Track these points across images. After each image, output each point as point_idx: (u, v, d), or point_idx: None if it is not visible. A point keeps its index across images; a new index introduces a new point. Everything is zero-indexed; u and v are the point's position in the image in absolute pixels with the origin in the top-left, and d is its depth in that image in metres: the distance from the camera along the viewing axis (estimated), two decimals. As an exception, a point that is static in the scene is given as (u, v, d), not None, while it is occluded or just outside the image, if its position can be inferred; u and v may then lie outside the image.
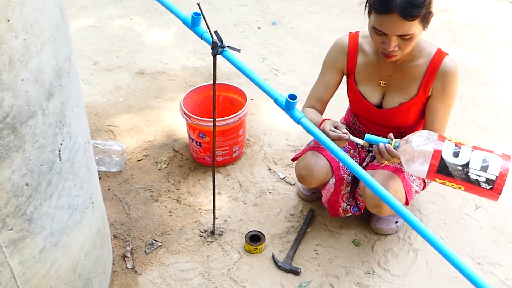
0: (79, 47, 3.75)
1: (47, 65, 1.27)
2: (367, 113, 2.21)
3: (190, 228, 2.39)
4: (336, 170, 2.25)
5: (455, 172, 1.65)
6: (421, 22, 1.82)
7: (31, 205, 1.32)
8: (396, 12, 1.76)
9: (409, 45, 1.87)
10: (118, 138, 2.89)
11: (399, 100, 2.09)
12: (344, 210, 2.32)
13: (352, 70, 2.16)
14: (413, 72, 2.04)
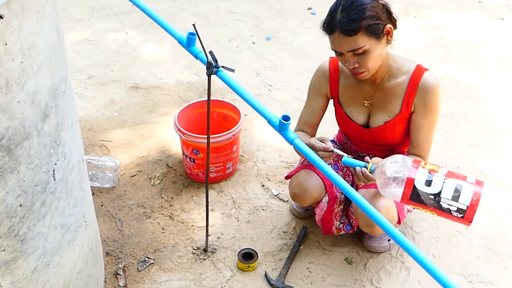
0: (74, 61, 3.76)
1: (43, 86, 1.28)
2: (355, 133, 2.25)
3: (183, 245, 2.39)
4: (329, 188, 2.27)
5: (427, 201, 1.68)
6: (370, 35, 1.83)
7: (24, 226, 1.32)
8: (337, 30, 1.83)
9: (369, 60, 1.88)
10: (112, 153, 2.89)
11: (384, 119, 2.12)
12: (337, 228, 2.34)
13: (336, 93, 2.20)
14: (394, 90, 2.06)
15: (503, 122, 3.38)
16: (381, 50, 1.90)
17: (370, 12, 1.82)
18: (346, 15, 1.80)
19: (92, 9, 4.60)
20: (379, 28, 1.85)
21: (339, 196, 2.29)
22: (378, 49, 1.88)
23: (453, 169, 2.90)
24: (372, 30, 1.83)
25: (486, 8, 4.99)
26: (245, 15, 4.66)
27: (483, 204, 1.66)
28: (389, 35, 1.91)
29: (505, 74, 3.94)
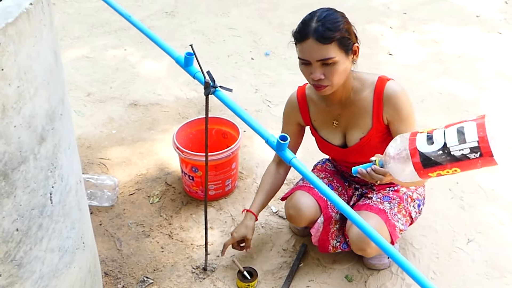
0: (73, 78, 3.77)
1: (40, 109, 1.28)
2: (337, 155, 2.27)
3: (182, 264, 2.38)
4: (325, 209, 2.28)
5: (439, 158, 1.56)
6: (341, 48, 1.86)
7: (20, 250, 1.31)
8: (311, 36, 1.84)
9: (335, 73, 1.89)
10: (111, 171, 2.89)
11: (358, 136, 2.11)
12: (333, 247, 2.33)
13: (308, 120, 2.23)
14: (361, 105, 2.06)
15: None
16: (347, 66, 1.92)
17: (344, 26, 1.87)
18: (322, 24, 1.83)
19: (91, 26, 4.62)
20: (349, 43, 1.89)
21: (334, 216, 2.30)
22: (345, 64, 1.90)
23: (451, 185, 2.92)
24: (344, 43, 1.87)
25: (484, 22, 5.01)
26: (244, 31, 4.68)
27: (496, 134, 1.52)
28: (355, 54, 1.94)
29: (503, 88, 3.95)
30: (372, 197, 2.25)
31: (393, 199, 2.22)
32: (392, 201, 2.21)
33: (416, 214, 2.29)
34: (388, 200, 2.22)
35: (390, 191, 2.26)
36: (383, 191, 2.27)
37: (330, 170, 2.44)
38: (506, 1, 5.49)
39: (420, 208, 2.32)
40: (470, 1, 5.37)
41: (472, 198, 2.86)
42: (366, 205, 2.20)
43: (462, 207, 2.79)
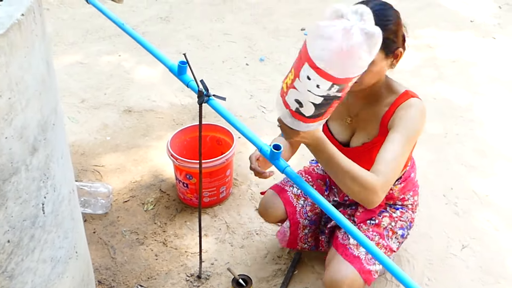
0: (67, 85, 3.76)
1: (32, 120, 1.27)
2: None
3: (176, 272, 2.37)
4: (291, 214, 2.28)
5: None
6: (381, 49, 1.64)
7: (12, 262, 1.30)
8: None
9: (367, 72, 1.65)
10: (105, 179, 2.88)
11: (363, 140, 2.00)
12: (302, 248, 2.38)
13: None
14: (377, 110, 1.95)
15: (496, 142, 3.39)
16: (382, 68, 1.80)
17: (393, 27, 1.74)
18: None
19: (85, 32, 4.61)
20: (392, 46, 1.77)
21: (302, 222, 2.29)
22: (380, 66, 1.78)
23: (446, 191, 2.93)
24: (386, 44, 1.66)
25: (478, 27, 5.03)
26: (239, 36, 4.68)
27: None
28: (396, 58, 1.82)
29: (497, 93, 3.96)
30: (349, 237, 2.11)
31: (371, 239, 2.10)
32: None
33: (398, 245, 2.20)
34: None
35: (370, 226, 2.15)
36: (364, 226, 2.16)
37: (315, 174, 2.37)
38: (500, 6, 5.51)
39: (405, 235, 2.22)
40: (464, 6, 5.39)
41: (467, 204, 2.87)
42: (343, 247, 2.09)
43: (456, 213, 2.80)
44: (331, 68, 1.27)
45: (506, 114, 3.71)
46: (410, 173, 2.17)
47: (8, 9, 1.19)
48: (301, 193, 2.30)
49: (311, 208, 2.29)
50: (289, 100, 1.40)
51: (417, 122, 1.84)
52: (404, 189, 2.17)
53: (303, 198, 2.30)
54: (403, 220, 2.20)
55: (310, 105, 1.36)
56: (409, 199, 2.21)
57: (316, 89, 1.31)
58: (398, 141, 1.78)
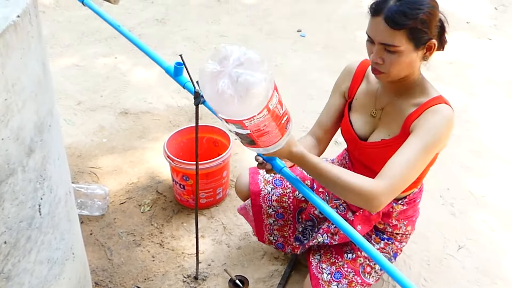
0: (63, 87, 3.75)
1: (28, 121, 1.27)
2: (352, 145, 2.03)
3: (173, 273, 2.37)
4: (253, 194, 2.25)
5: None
6: (410, 39, 1.62)
7: (9, 263, 1.30)
8: (382, 15, 1.62)
9: (396, 63, 1.67)
10: (101, 180, 2.88)
11: (382, 136, 1.87)
12: (269, 241, 2.34)
13: (352, 95, 1.99)
14: (404, 108, 1.80)
15: (492, 143, 3.40)
16: (412, 60, 1.69)
17: (424, 16, 1.61)
18: (399, 5, 1.60)
19: (81, 34, 4.61)
20: (423, 37, 1.64)
21: (266, 209, 2.25)
22: (410, 57, 1.67)
23: (442, 191, 2.93)
24: (415, 36, 1.63)
25: (474, 28, 5.05)
26: (235, 38, 4.68)
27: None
28: (430, 50, 1.70)
29: (493, 94, 3.98)
30: (324, 268, 2.08)
31: (344, 276, 2.03)
32: (342, 280, 2.02)
33: (378, 277, 2.12)
34: (339, 279, 2.02)
35: (345, 261, 2.07)
36: (339, 262, 2.08)
37: (299, 171, 2.27)
38: (496, 7, 5.53)
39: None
40: (460, 8, 5.42)
41: (463, 204, 2.88)
42: (316, 281, 2.04)
43: (453, 214, 2.81)
44: (213, 105, 1.33)
45: (502, 115, 3.72)
46: (416, 198, 2.09)
47: (3, 10, 1.19)
48: (271, 180, 2.26)
49: (277, 199, 2.23)
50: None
51: (441, 131, 1.68)
52: (404, 213, 2.07)
53: (271, 186, 2.25)
54: (385, 252, 2.13)
55: (235, 135, 1.44)
56: (401, 228, 2.10)
57: (222, 122, 1.38)
58: (415, 147, 1.66)
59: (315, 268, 2.09)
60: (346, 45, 4.55)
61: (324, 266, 2.08)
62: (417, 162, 1.66)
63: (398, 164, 1.64)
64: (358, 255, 2.08)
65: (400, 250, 2.17)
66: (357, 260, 2.07)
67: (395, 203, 2.02)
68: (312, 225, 2.23)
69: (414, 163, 1.65)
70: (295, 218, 2.28)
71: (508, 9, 5.52)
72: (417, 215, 2.17)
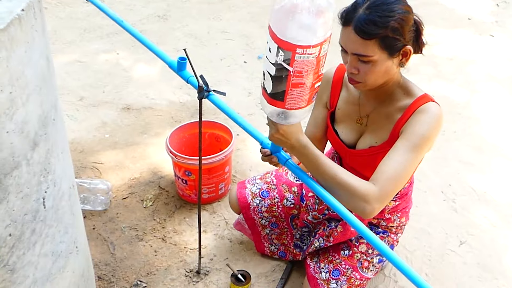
0: (65, 83, 3.76)
1: (32, 115, 1.28)
2: (341, 153, 2.02)
3: (175, 267, 2.38)
4: (244, 209, 2.31)
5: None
6: (383, 48, 1.58)
7: (14, 255, 1.31)
8: (351, 25, 1.58)
9: (371, 72, 1.63)
10: (104, 176, 2.88)
11: (370, 143, 1.86)
12: (270, 252, 2.41)
13: (334, 104, 1.96)
14: (390, 113, 1.79)
15: (493, 139, 3.41)
16: (388, 68, 1.65)
17: (395, 24, 1.56)
18: (368, 14, 1.55)
19: (83, 30, 4.62)
20: (396, 44, 1.59)
21: (258, 220, 2.32)
22: (385, 66, 1.63)
23: (444, 187, 2.94)
24: (387, 44, 1.58)
25: (476, 25, 5.05)
26: (237, 34, 4.68)
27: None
28: (406, 56, 1.65)
29: (495, 91, 3.98)
30: (322, 267, 2.10)
31: (343, 273, 2.05)
32: (341, 277, 2.05)
33: (376, 270, 2.15)
34: (337, 276, 2.05)
35: (343, 258, 2.09)
36: (336, 259, 2.10)
37: (285, 179, 2.32)
38: (498, 3, 5.53)
39: (384, 260, 2.15)
40: (462, 4, 5.41)
41: (465, 200, 2.88)
42: (314, 281, 2.09)
43: (454, 210, 2.81)
44: (274, 24, 1.24)
45: (503, 112, 3.73)
46: (408, 191, 2.09)
47: (8, 4, 1.19)
48: (258, 193, 2.30)
49: (267, 210, 2.28)
50: (261, 81, 1.39)
51: (429, 129, 1.66)
52: (396, 208, 2.08)
53: (259, 198, 2.29)
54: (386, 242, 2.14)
55: (268, 77, 1.33)
56: (395, 220, 2.11)
57: (269, 53, 1.29)
58: (405, 149, 1.64)
59: (313, 269, 2.13)
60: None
61: (322, 265, 2.11)
62: (409, 164, 1.64)
63: (391, 168, 1.62)
64: (354, 251, 2.10)
65: (396, 242, 2.18)
66: (354, 256, 2.09)
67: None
68: (308, 231, 2.27)
69: (406, 165, 1.63)
70: (290, 225, 2.32)
71: (509, 6, 5.52)
72: (410, 205, 2.16)
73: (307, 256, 2.21)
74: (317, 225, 2.21)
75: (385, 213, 2.08)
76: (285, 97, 1.36)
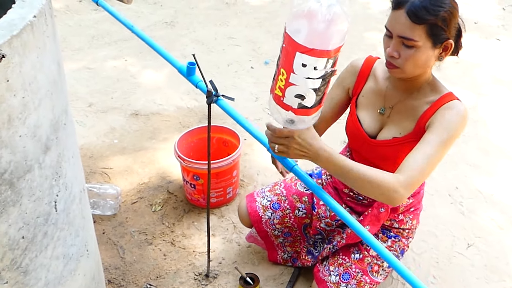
0: (74, 89, 3.80)
1: (44, 119, 1.30)
2: (359, 143, 2.01)
3: (184, 271, 2.40)
4: (256, 223, 2.32)
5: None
6: (429, 35, 1.63)
7: (26, 257, 1.33)
8: (404, 8, 1.63)
9: (411, 59, 1.66)
10: (113, 181, 2.91)
11: (394, 134, 1.88)
12: (283, 260, 2.42)
13: (357, 92, 1.99)
14: (416, 106, 1.82)
15: (500, 141, 3.41)
16: (428, 58, 1.68)
17: (444, 14, 1.62)
18: (422, 0, 1.61)
19: (91, 38, 4.66)
20: (442, 35, 1.64)
21: (271, 232, 2.33)
22: (426, 54, 1.67)
23: (451, 190, 2.94)
24: (434, 32, 1.63)
25: (482, 28, 5.05)
26: (243, 40, 4.71)
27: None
28: (446, 50, 1.70)
29: (501, 94, 3.98)
30: (332, 270, 2.12)
31: (353, 277, 2.07)
32: (351, 280, 2.07)
33: (386, 274, 2.16)
34: (347, 280, 2.07)
35: (353, 262, 2.10)
36: (345, 262, 2.11)
37: (295, 190, 2.34)
38: (504, 7, 5.53)
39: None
40: (468, 8, 5.42)
41: (472, 203, 2.89)
42: (323, 284, 2.11)
43: (461, 212, 2.82)
44: (322, 43, 1.26)
45: (509, 114, 3.73)
46: (420, 189, 2.10)
47: (20, 11, 1.22)
48: (269, 205, 2.31)
49: (279, 221, 2.30)
50: (289, 100, 1.39)
51: (457, 127, 1.72)
52: (411, 205, 2.10)
53: (271, 210, 2.30)
54: (393, 249, 2.14)
55: (311, 93, 1.35)
56: (407, 222, 2.13)
57: (313, 72, 1.31)
58: (434, 143, 1.69)
59: (322, 272, 2.14)
60: (353, 47, 4.57)
61: (332, 268, 2.12)
62: (435, 157, 1.68)
63: (417, 160, 1.66)
64: (365, 254, 2.10)
65: (407, 247, 2.19)
66: (365, 259, 2.10)
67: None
68: (322, 238, 2.28)
69: (433, 158, 1.67)
70: (303, 234, 2.34)
71: (516, 9, 5.53)
72: (421, 208, 2.19)
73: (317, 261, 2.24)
74: (330, 232, 2.22)
75: (399, 213, 2.09)
76: (322, 98, 1.40)
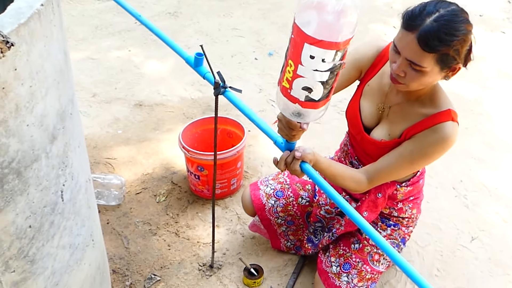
0: (78, 79, 3.79)
1: (51, 109, 1.30)
2: (355, 130, 2.00)
3: (189, 261, 2.40)
4: (259, 211, 2.32)
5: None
6: (438, 63, 1.59)
7: (33, 247, 1.33)
8: (415, 33, 1.56)
9: (416, 80, 1.64)
10: (117, 171, 2.91)
11: (383, 135, 1.88)
12: (286, 247, 2.44)
13: (367, 79, 1.94)
14: (411, 113, 1.80)
15: (505, 135, 3.40)
16: (434, 79, 1.67)
17: (456, 44, 1.56)
18: (435, 28, 1.54)
19: (95, 28, 4.65)
20: (451, 62, 1.60)
21: (274, 220, 2.33)
22: (433, 77, 1.65)
23: (455, 183, 2.94)
24: (443, 60, 1.59)
25: (487, 21, 5.03)
26: (247, 31, 4.70)
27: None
28: (454, 71, 1.66)
29: (506, 87, 3.97)
30: (333, 261, 2.14)
31: (353, 267, 2.08)
32: (351, 270, 2.08)
33: (388, 263, 2.16)
34: (348, 270, 2.08)
35: (353, 252, 2.12)
36: (347, 253, 2.12)
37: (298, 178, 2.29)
38: (509, 0, 5.50)
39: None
40: (473, 1, 5.39)
41: (476, 196, 2.88)
42: (325, 275, 2.13)
43: (466, 206, 2.81)
44: (331, 35, 1.22)
45: (515, 108, 3.72)
46: (419, 179, 2.08)
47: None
48: (272, 193, 2.31)
49: (282, 209, 2.30)
50: (296, 93, 1.36)
51: (433, 154, 1.75)
52: (409, 194, 2.08)
53: (274, 198, 2.31)
54: (393, 238, 2.14)
55: (319, 86, 1.32)
56: (407, 211, 2.11)
57: (321, 64, 1.27)
58: (404, 159, 1.78)
59: (324, 263, 2.16)
60: (358, 38, 4.54)
61: (333, 259, 2.13)
62: (401, 170, 1.84)
63: (383, 166, 1.83)
64: (364, 244, 2.12)
65: (408, 236, 2.19)
66: (364, 249, 2.11)
67: (399, 185, 2.03)
68: (322, 226, 2.28)
69: (398, 171, 1.84)
70: (305, 222, 2.35)
71: (521, 2, 5.50)
72: (421, 197, 2.18)
73: (319, 251, 2.24)
74: (330, 220, 2.22)
75: (398, 201, 2.08)
76: (330, 92, 1.37)
